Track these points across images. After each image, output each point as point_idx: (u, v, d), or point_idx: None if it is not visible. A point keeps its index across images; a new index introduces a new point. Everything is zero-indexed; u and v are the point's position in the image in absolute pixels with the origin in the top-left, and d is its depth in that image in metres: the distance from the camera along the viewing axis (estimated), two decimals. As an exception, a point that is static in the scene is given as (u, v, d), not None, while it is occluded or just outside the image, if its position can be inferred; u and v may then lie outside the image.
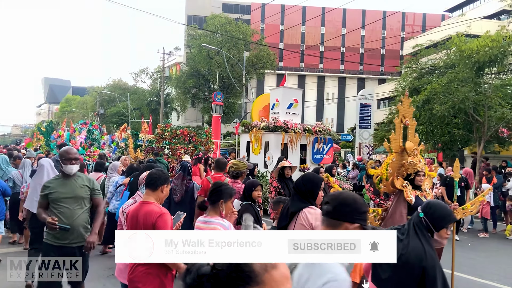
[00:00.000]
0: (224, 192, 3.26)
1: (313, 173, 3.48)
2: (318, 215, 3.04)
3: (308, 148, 12.35)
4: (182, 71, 41.57)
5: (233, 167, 5.26)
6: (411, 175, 4.91)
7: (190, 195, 5.67)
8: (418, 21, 69.26)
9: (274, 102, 12.87)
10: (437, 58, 20.39)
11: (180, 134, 13.20)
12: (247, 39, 37.20)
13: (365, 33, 66.86)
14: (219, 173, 5.77)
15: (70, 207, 3.88)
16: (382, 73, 67.70)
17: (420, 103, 13.96)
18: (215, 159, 6.26)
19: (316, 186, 3.31)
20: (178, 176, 5.74)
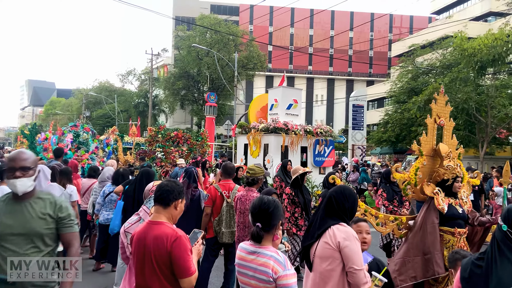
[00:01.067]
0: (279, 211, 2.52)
1: (351, 188, 2.92)
2: (348, 233, 2.58)
3: (309, 151, 11.79)
4: (170, 72, 40.80)
5: (249, 172, 4.66)
6: (448, 180, 4.38)
7: (197, 205, 5.06)
8: (406, 23, 69.75)
9: (272, 102, 12.29)
10: (433, 58, 20.16)
11: (175, 137, 12.56)
12: (237, 40, 36.68)
13: (353, 35, 67.04)
14: (227, 179, 5.19)
15: (18, 250, 2.49)
16: (371, 74, 67.98)
17: (421, 104, 13.56)
18: (223, 164, 5.53)
19: (357, 203, 2.84)
20: (183, 183, 5.12)
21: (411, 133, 17.93)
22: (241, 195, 4.56)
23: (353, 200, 2.75)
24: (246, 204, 4.39)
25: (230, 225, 4.88)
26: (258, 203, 2.49)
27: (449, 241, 4.20)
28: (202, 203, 5.12)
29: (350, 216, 2.76)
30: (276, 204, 2.50)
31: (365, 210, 4.43)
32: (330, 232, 2.61)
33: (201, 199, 5.14)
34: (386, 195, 6.54)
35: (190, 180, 5.17)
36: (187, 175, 5.26)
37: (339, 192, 2.76)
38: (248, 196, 4.43)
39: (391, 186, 6.63)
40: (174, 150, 12.27)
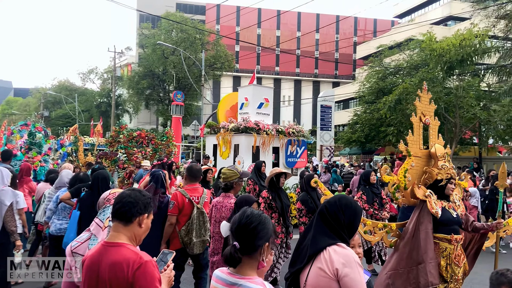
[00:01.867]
0: (265, 228, 1.91)
1: (351, 197, 2.42)
2: (349, 258, 2.03)
3: (281, 151, 11.40)
4: (135, 71, 39.47)
5: (221, 177, 4.14)
6: (440, 181, 4.04)
7: (165, 214, 4.46)
8: (370, 26, 71.18)
9: (243, 101, 11.81)
10: (400, 59, 20.35)
11: (138, 137, 11.81)
12: (204, 39, 35.94)
13: (319, 37, 67.78)
14: (194, 183, 4.65)
15: None
16: (336, 76, 68.95)
17: (392, 103, 13.47)
18: (188, 166, 4.96)
19: (359, 217, 2.28)
20: (149, 189, 4.53)
21: (380, 133, 17.96)
22: (217, 201, 4.04)
23: (351, 213, 2.20)
24: (223, 211, 3.88)
25: (201, 233, 4.38)
26: (239, 217, 1.92)
27: (446, 249, 3.84)
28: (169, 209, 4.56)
29: (350, 233, 2.22)
30: (262, 219, 1.91)
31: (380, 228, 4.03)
32: (325, 255, 2.08)
33: (169, 206, 4.57)
34: (366, 198, 6.19)
35: (157, 185, 4.59)
36: (154, 178, 4.66)
37: (333, 204, 2.23)
38: (224, 203, 3.92)
39: (370, 188, 6.30)
40: (137, 151, 11.53)
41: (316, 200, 5.49)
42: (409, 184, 4.09)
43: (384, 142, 18.68)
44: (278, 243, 5.18)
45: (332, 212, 2.20)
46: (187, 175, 4.77)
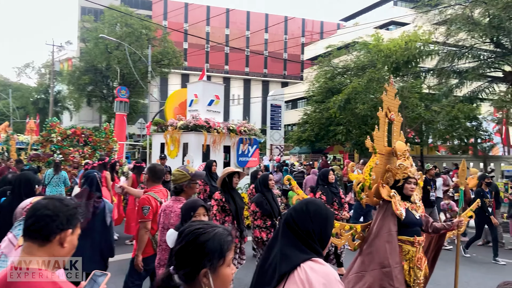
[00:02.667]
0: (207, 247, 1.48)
1: (320, 201, 2.06)
2: (329, 276, 1.70)
3: (233, 150, 11.03)
4: (75, 66, 37.23)
5: (171, 179, 3.67)
6: (398, 182, 3.85)
7: (101, 221, 3.91)
8: (317, 28, 72.73)
9: (192, 98, 11.30)
10: (348, 60, 20.71)
11: (72, 135, 10.88)
12: (150, 35, 34.64)
13: (268, 37, 68.26)
14: (157, 185, 4.31)
15: None
16: (285, 76, 69.76)
17: (342, 103, 13.56)
18: (150, 166, 4.62)
19: (331, 224, 1.96)
20: (82, 192, 3.96)
21: (329, 133, 18.15)
22: (166, 206, 3.56)
23: (322, 221, 1.86)
24: (171, 217, 3.42)
25: None
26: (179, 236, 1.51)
27: (409, 252, 3.65)
28: (107, 218, 3.99)
29: (321, 244, 1.87)
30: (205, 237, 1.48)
31: None
32: (301, 275, 1.72)
33: (106, 213, 4.01)
34: (325, 198, 5.97)
35: (91, 188, 4.02)
36: (88, 181, 4.08)
37: (299, 211, 1.88)
38: (174, 208, 3.46)
39: (329, 188, 6.08)
40: (73, 150, 10.63)
41: (271, 202, 5.18)
42: (373, 183, 3.88)
43: (333, 141, 18.91)
44: (232, 248, 4.79)
45: (300, 220, 1.86)
46: (151, 175, 4.38)
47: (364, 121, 13.98)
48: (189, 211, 2.93)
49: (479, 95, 19.46)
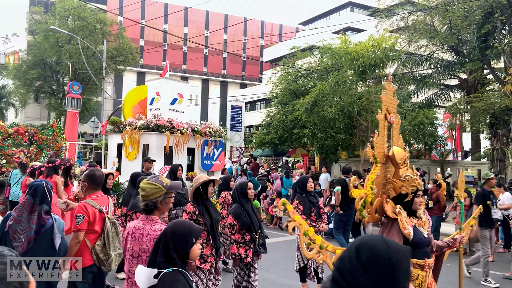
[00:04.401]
0: None
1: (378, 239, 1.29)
2: None
3: (197, 153, 10.35)
4: (23, 59, 34.71)
5: (140, 193, 2.94)
6: (406, 196, 3.39)
7: (47, 242, 3.16)
8: (276, 30, 73.11)
9: (153, 96, 10.50)
10: (311, 62, 20.58)
11: (15, 134, 9.76)
12: (105, 29, 32.96)
13: (228, 38, 67.79)
14: (98, 191, 4.03)
15: None
16: (244, 77, 69.50)
17: (309, 105, 13.25)
18: (89, 173, 4.11)
19: (403, 272, 1.26)
20: (24, 206, 3.20)
21: (293, 135, 17.87)
22: (134, 227, 2.86)
23: (383, 271, 1.22)
24: (143, 242, 2.75)
25: (115, 246, 4.00)
26: None
27: (418, 277, 3.19)
28: (56, 239, 3.24)
29: None
30: None
31: (320, 247, 3.22)
32: None
33: (54, 233, 3.25)
34: (302, 208, 5.48)
35: (35, 200, 3.25)
36: (31, 191, 3.30)
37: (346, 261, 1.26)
38: (146, 230, 2.78)
39: (307, 197, 5.59)
40: (17, 151, 9.52)
41: (251, 214, 4.62)
42: (375, 197, 3.41)
43: (297, 144, 18.66)
44: (207, 268, 4.18)
45: (350, 276, 1.23)
46: (90, 182, 4.01)
47: (331, 125, 13.80)
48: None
49: (435, 102, 20.01)
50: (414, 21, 15.77)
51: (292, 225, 3.26)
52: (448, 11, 14.59)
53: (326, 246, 3.26)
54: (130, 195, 6.16)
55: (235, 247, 4.49)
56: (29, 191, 3.26)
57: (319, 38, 19.59)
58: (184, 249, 2.11)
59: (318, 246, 3.23)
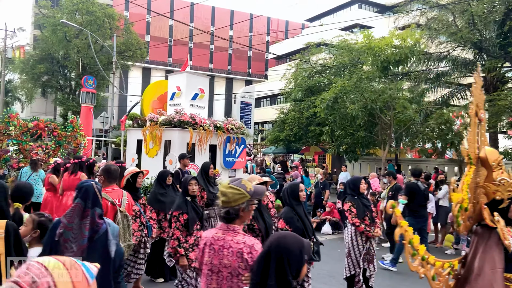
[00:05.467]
0: None
1: None
2: None
3: (219, 150, 9.97)
4: (30, 53, 34.34)
5: (220, 199, 2.49)
6: (501, 202, 2.99)
7: (101, 251, 2.79)
8: (282, 27, 72.64)
9: (174, 90, 10.11)
10: (327, 58, 20.16)
11: (34, 128, 9.40)
12: (113, 24, 32.56)
13: (233, 34, 67.41)
14: (112, 185, 4.35)
15: None
16: (249, 74, 69.11)
17: (330, 102, 12.83)
18: (105, 167, 4.51)
19: None
20: (75, 210, 2.81)
21: (308, 133, 17.46)
22: (212, 238, 2.48)
23: None
24: (224, 256, 2.35)
25: (125, 238, 4.20)
26: None
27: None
28: (111, 246, 2.83)
29: None
30: None
31: (422, 258, 2.82)
32: None
33: (109, 239, 2.85)
34: (356, 211, 5.08)
35: (86, 203, 2.86)
36: (82, 193, 2.90)
37: None
38: (227, 242, 2.39)
39: (360, 199, 5.19)
40: (35, 146, 9.16)
41: (303, 218, 4.22)
42: (470, 203, 3.01)
43: (312, 141, 18.25)
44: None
45: None
46: (106, 176, 4.38)
47: (352, 122, 13.39)
48: None
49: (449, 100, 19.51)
50: (436, 16, 15.32)
51: (400, 231, 2.86)
52: (470, 5, 14.17)
53: (428, 257, 2.87)
54: (155, 195, 5.79)
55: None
56: (79, 194, 2.86)
57: (326, 35, 19.19)
58: (297, 269, 1.73)
59: (421, 257, 2.84)
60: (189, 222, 4.42)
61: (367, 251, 5.21)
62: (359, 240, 5.21)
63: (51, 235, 2.74)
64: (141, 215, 4.99)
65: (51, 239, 2.72)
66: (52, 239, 2.70)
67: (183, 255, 4.43)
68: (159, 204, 5.52)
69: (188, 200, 4.48)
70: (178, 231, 4.44)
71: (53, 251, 2.68)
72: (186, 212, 4.42)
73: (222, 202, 2.41)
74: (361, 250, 5.20)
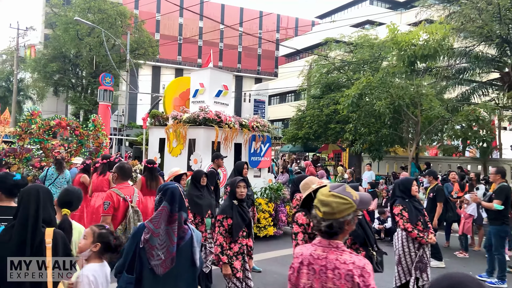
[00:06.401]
0: None
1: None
2: None
3: (245, 148, 9.61)
4: (42, 52, 34.29)
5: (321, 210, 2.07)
6: None
7: (187, 257, 2.46)
8: (292, 24, 72.23)
9: (197, 87, 9.76)
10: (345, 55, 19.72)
11: (57, 127, 9.12)
12: (125, 22, 32.39)
13: (243, 31, 67.12)
14: (124, 182, 4.62)
15: None
16: (259, 72, 68.79)
17: (355, 99, 12.38)
18: (118, 164, 4.80)
19: None
20: (161, 215, 2.47)
21: (328, 130, 17.03)
22: (311, 255, 2.05)
23: None
24: (328, 279, 1.96)
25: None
26: None
27: None
28: (195, 254, 2.51)
29: None
30: None
31: None
32: None
33: (194, 246, 2.53)
34: (408, 215, 4.68)
35: (173, 207, 2.52)
36: (168, 196, 2.55)
37: None
38: (331, 262, 2.01)
39: (411, 202, 4.79)
40: (57, 144, 8.88)
41: (364, 224, 3.83)
42: None
43: (332, 139, 17.83)
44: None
45: None
46: (120, 173, 4.65)
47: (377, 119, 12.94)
48: None
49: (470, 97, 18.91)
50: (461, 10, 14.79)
51: None
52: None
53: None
54: (191, 197, 5.44)
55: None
56: (164, 197, 2.53)
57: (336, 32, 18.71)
58: None
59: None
60: (234, 228, 4.06)
61: (419, 259, 4.81)
62: (411, 246, 4.80)
63: (134, 241, 2.45)
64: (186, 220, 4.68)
65: (135, 245, 2.42)
66: (135, 246, 2.41)
67: (226, 263, 4.08)
68: (196, 207, 5.17)
69: (234, 204, 4.12)
70: (222, 237, 4.09)
71: (137, 259, 2.39)
72: (231, 217, 4.07)
73: (323, 213, 2.02)
74: (413, 258, 4.80)
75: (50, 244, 2.37)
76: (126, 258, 2.47)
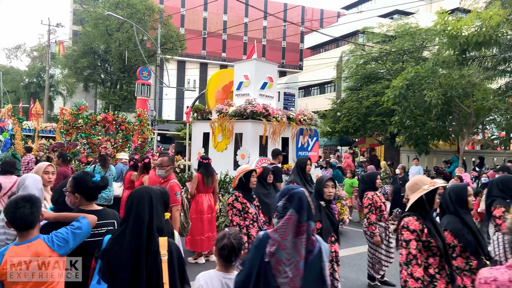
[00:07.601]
0: None
1: None
2: None
3: (292, 143, 9.18)
4: (72, 48, 34.66)
5: None
6: None
7: (316, 274, 2.09)
8: (316, 16, 71.01)
9: (241, 80, 9.35)
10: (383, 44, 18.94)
11: (103, 121, 8.91)
12: (153, 16, 32.33)
13: (267, 24, 66.40)
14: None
15: None
16: (283, 65, 68.07)
17: (403, 90, 11.71)
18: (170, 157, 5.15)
19: None
20: (288, 224, 2.08)
21: (367, 124, 16.35)
22: (510, 282, 1.63)
23: None
24: None
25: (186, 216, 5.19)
26: None
27: None
28: (325, 270, 2.13)
29: None
30: None
31: None
32: None
33: (323, 261, 2.14)
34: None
35: (301, 216, 2.11)
36: (295, 203, 2.15)
37: None
38: None
39: (512, 202, 4.23)
40: (103, 140, 8.67)
41: (474, 230, 3.34)
42: None
43: (370, 132, 17.16)
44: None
45: None
46: (173, 165, 5.00)
47: (427, 111, 12.23)
48: None
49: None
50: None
51: None
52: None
53: None
54: (259, 195, 5.03)
55: (459, 276, 3.24)
56: (290, 203, 2.12)
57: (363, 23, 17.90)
58: None
59: None
60: (323, 232, 3.62)
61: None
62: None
63: (258, 254, 2.05)
64: (258, 219, 4.25)
65: (257, 260, 2.04)
66: (258, 260, 2.02)
67: None
68: (264, 207, 4.78)
69: (322, 205, 3.68)
70: None
71: (261, 275, 2.00)
72: (319, 220, 3.63)
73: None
74: None
75: (165, 256, 2.03)
76: (250, 273, 2.08)
